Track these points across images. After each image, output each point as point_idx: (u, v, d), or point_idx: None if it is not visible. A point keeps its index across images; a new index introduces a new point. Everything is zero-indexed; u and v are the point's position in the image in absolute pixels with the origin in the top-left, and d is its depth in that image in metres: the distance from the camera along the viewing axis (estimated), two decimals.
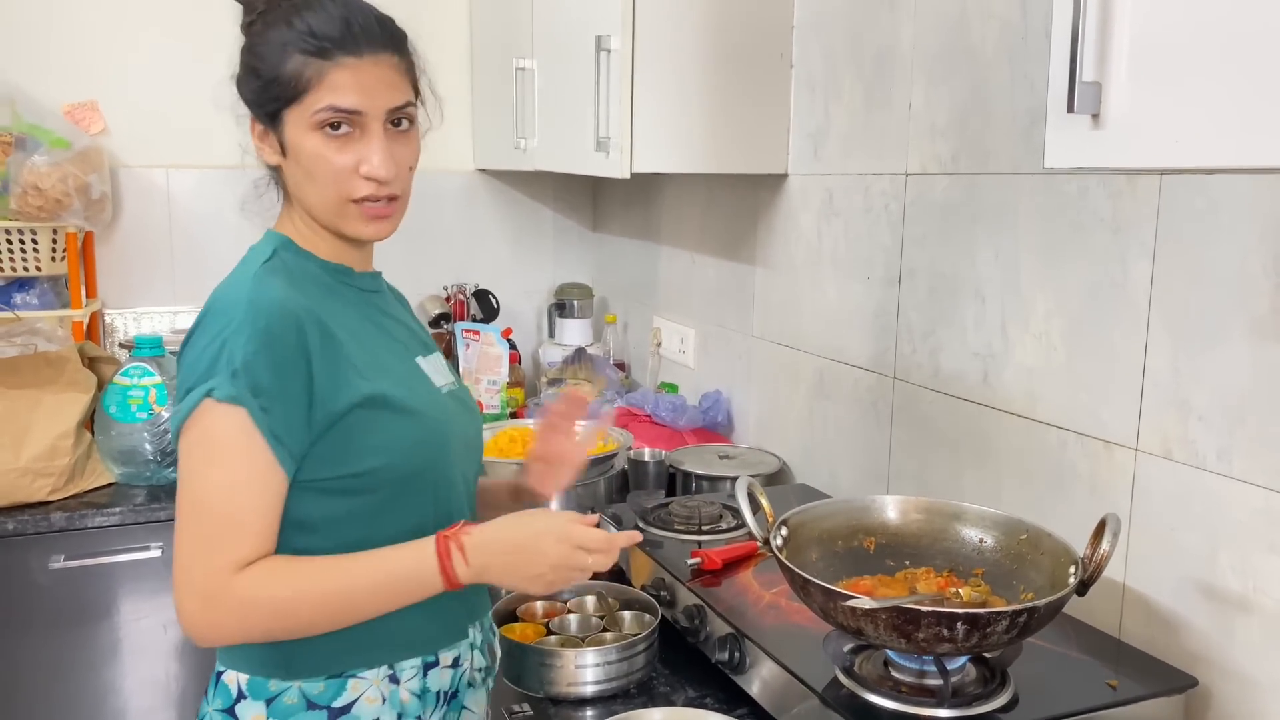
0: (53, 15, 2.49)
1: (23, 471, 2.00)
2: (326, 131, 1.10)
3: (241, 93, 1.16)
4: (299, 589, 1.06)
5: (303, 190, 1.15)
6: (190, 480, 1.06)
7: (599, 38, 1.86)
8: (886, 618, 1.06)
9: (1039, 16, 1.42)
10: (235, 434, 1.04)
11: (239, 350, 1.03)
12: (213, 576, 1.03)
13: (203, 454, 1.05)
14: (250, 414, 1.03)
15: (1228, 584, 1.22)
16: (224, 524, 1.04)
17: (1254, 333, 1.18)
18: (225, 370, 1.03)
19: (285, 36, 1.10)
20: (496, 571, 1.11)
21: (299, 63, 1.09)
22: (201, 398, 1.04)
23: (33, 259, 2.33)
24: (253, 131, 1.17)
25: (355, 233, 1.16)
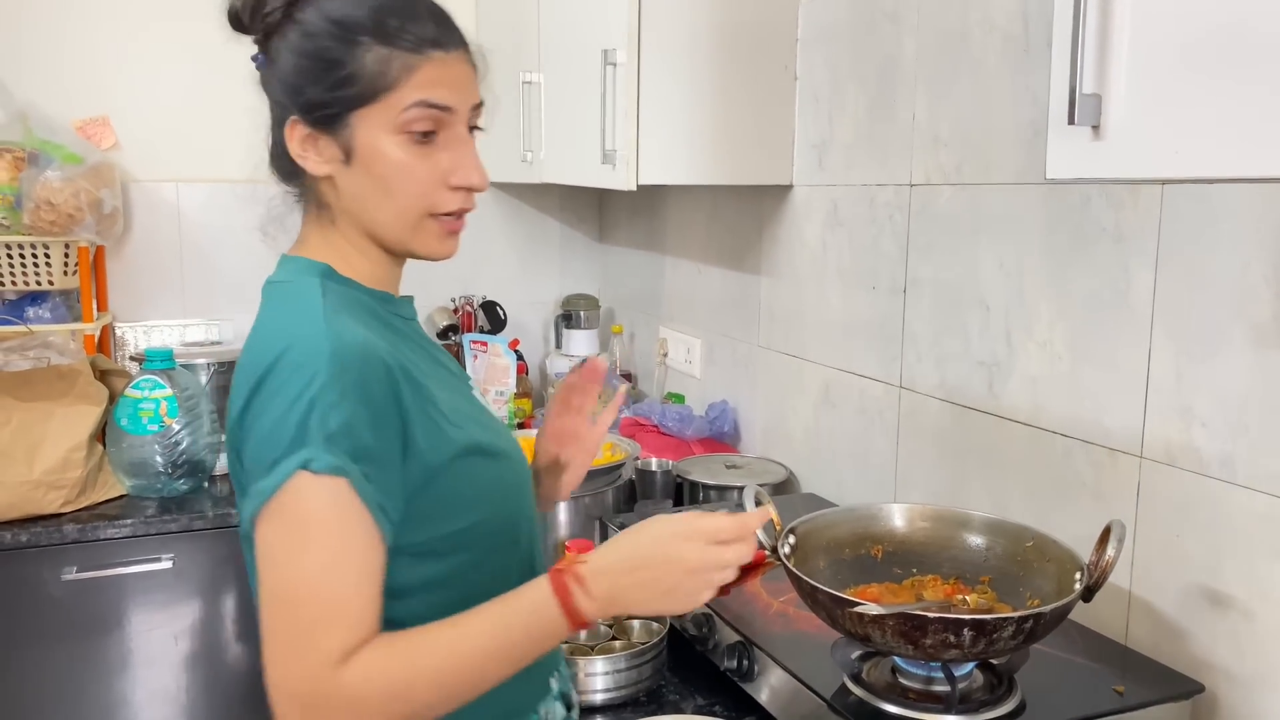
0: (64, 32, 2.52)
1: (35, 484, 2.02)
2: (413, 136, 0.97)
3: (279, 92, 1.00)
4: (415, 669, 0.89)
5: (369, 204, 1.00)
6: (278, 568, 0.89)
7: (605, 51, 1.88)
8: (894, 624, 1.07)
9: (1040, 29, 1.44)
10: (333, 508, 0.88)
11: (332, 410, 0.88)
12: (314, 677, 0.87)
13: (296, 537, 0.89)
14: (353, 484, 0.88)
15: (1233, 590, 1.23)
16: (322, 613, 0.87)
17: (1256, 340, 1.19)
18: (319, 436, 0.87)
19: (355, 19, 0.95)
20: (626, 596, 0.94)
21: (380, 56, 0.95)
22: (294, 471, 0.87)
23: (45, 273, 2.35)
24: (290, 136, 1.00)
25: (427, 251, 1.03)
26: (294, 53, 0.98)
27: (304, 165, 1.01)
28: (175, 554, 2.08)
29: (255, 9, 1.00)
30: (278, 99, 1.02)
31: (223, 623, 2.15)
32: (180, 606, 2.11)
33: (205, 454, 2.21)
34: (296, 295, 0.99)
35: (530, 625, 0.92)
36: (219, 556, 2.12)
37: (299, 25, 0.98)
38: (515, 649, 0.92)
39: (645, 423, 2.34)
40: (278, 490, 0.88)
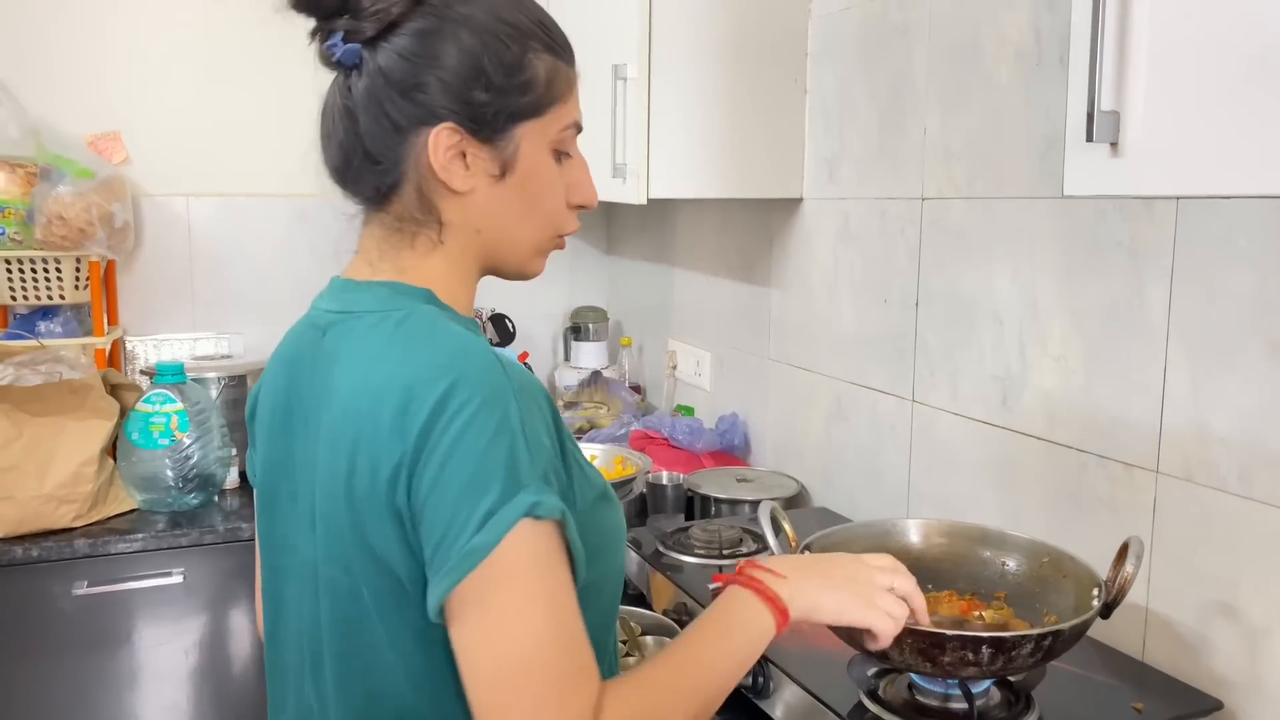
0: (77, 48, 2.53)
1: (47, 498, 2.02)
2: (556, 157, 0.93)
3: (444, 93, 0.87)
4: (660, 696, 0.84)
5: (508, 222, 0.93)
6: (508, 627, 0.77)
7: (616, 66, 1.88)
8: (910, 641, 1.07)
9: (1053, 43, 1.44)
10: (553, 554, 0.79)
11: (539, 447, 0.80)
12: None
13: (521, 589, 0.78)
14: (567, 530, 0.81)
15: (1251, 606, 1.22)
16: (566, 673, 0.78)
17: (1272, 355, 1.18)
18: (534, 476, 0.78)
19: (521, 24, 0.89)
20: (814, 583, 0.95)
21: (549, 67, 0.90)
22: (519, 518, 0.76)
23: (56, 288, 2.36)
24: (438, 146, 0.88)
25: (535, 272, 0.99)
26: (454, 48, 0.87)
27: (446, 179, 0.89)
28: (186, 568, 2.08)
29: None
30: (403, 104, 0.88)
31: (233, 637, 2.14)
32: (190, 621, 2.11)
33: (216, 468, 2.22)
34: (429, 325, 0.87)
35: (739, 624, 0.91)
36: (229, 571, 2.12)
37: (447, 18, 0.87)
38: (740, 652, 0.91)
39: (655, 435, 2.34)
40: (499, 544, 0.76)
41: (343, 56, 0.89)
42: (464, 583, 0.77)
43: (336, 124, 0.92)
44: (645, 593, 1.68)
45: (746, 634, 0.91)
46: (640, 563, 1.70)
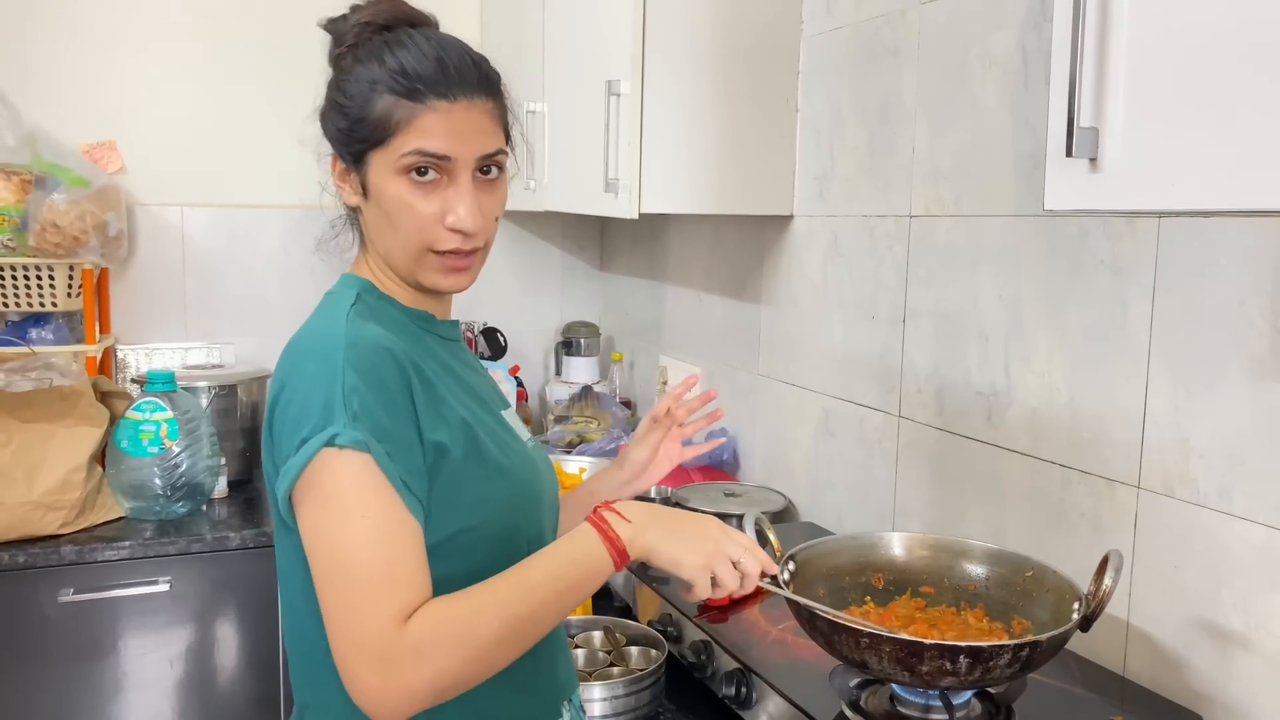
0: (74, 57, 2.55)
1: (35, 505, 2.02)
2: (412, 177, 1.04)
3: (325, 129, 1.10)
4: (476, 606, 0.95)
5: (382, 236, 1.09)
6: (325, 540, 0.95)
7: (609, 82, 1.90)
8: (889, 650, 1.08)
9: (1038, 63, 1.46)
10: (365, 481, 0.95)
11: (353, 393, 0.96)
12: (381, 633, 0.91)
13: (336, 508, 0.95)
14: (376, 459, 0.95)
15: (1230, 621, 1.23)
16: (376, 576, 0.93)
17: (1252, 372, 1.20)
18: (343, 414, 0.94)
19: (375, 74, 1.04)
20: (659, 532, 1.01)
21: (388, 103, 1.03)
22: (320, 446, 0.94)
23: (49, 295, 2.36)
24: (333, 169, 1.11)
25: (432, 284, 1.10)
26: (329, 98, 1.10)
27: (340, 196, 1.13)
28: (172, 577, 2.08)
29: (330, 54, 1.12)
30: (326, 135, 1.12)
31: (219, 646, 2.14)
32: (177, 630, 2.10)
33: (204, 477, 2.22)
34: (333, 302, 1.09)
35: (575, 554, 1.00)
36: (216, 580, 2.12)
37: (340, 70, 1.09)
38: (565, 579, 0.98)
39: None
40: (308, 465, 0.95)
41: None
42: (294, 494, 0.97)
43: None
44: (631, 604, 1.69)
45: (577, 566, 1.00)
46: (626, 574, 1.70)
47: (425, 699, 0.93)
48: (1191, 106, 0.86)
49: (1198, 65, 0.85)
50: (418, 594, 0.94)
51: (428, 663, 0.92)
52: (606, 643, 1.55)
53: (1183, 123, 0.87)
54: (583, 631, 1.58)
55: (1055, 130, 0.95)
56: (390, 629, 0.91)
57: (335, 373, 0.97)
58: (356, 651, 0.92)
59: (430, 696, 0.93)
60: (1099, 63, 0.92)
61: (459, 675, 0.94)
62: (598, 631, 1.57)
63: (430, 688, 0.92)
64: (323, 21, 1.11)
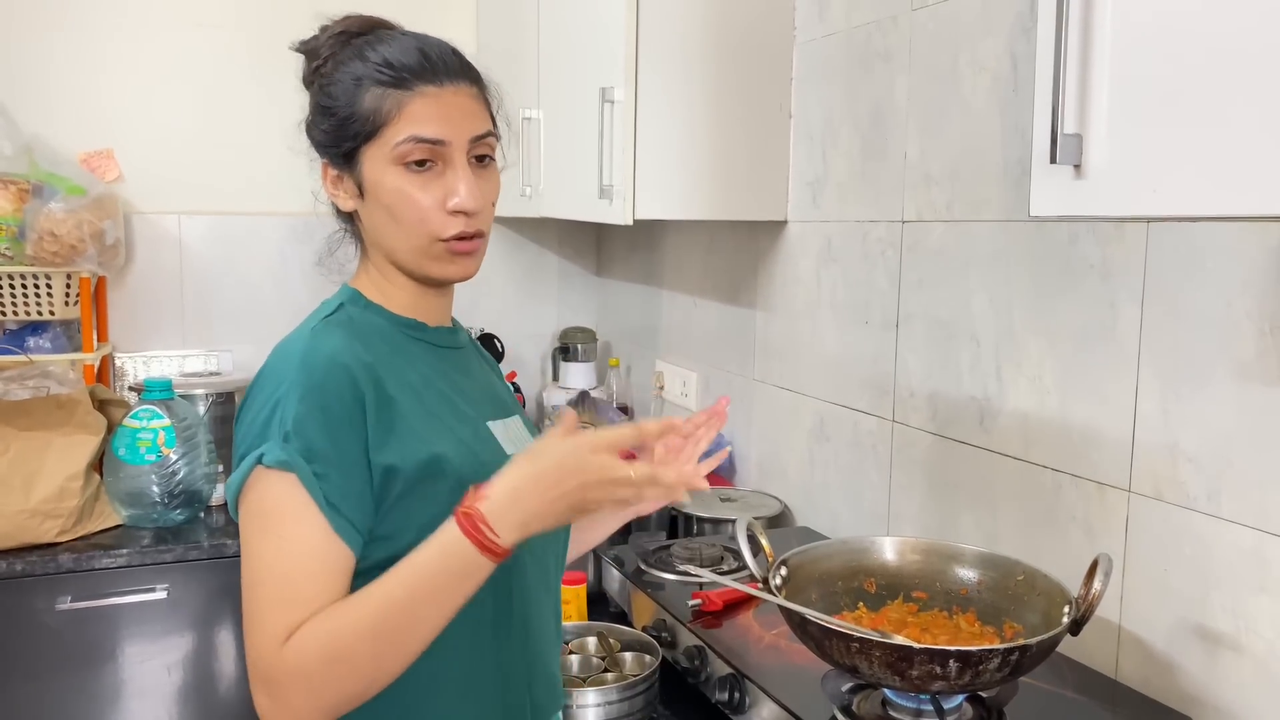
0: (71, 66, 2.56)
1: (32, 513, 2.02)
2: (409, 168, 1.04)
3: (312, 136, 1.10)
4: (345, 625, 0.93)
5: (384, 233, 1.08)
6: (245, 557, 0.98)
7: (603, 89, 1.91)
8: (879, 655, 1.08)
9: (1028, 70, 1.47)
10: (285, 500, 0.96)
11: (290, 411, 0.96)
12: (265, 655, 0.93)
13: (256, 525, 0.97)
14: (301, 479, 0.95)
15: (1219, 624, 1.24)
16: (271, 595, 0.95)
17: (1240, 376, 1.20)
18: (277, 434, 0.96)
19: (359, 70, 1.05)
20: (533, 514, 0.94)
21: (376, 95, 1.04)
22: (253, 464, 0.97)
23: (46, 303, 2.37)
24: (325, 178, 1.11)
25: (442, 274, 1.09)
26: (314, 104, 1.10)
27: (337, 203, 1.12)
28: (170, 584, 2.09)
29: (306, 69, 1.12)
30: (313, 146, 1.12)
31: (217, 654, 2.14)
32: (175, 637, 2.11)
33: (202, 484, 2.22)
34: (313, 314, 1.10)
35: (451, 565, 0.94)
36: (214, 587, 2.12)
37: (321, 78, 1.10)
38: (441, 590, 0.94)
39: None
40: (243, 483, 0.98)
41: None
42: (237, 505, 1.00)
43: None
44: (626, 609, 1.69)
45: (453, 575, 0.94)
46: (621, 580, 1.71)
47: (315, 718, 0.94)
48: (1175, 113, 0.86)
49: (1181, 71, 0.86)
50: (307, 611, 0.94)
51: (304, 682, 0.93)
52: (600, 648, 1.55)
53: (1166, 129, 0.87)
54: (577, 637, 1.58)
55: (1040, 137, 0.95)
56: (273, 650, 0.93)
57: (280, 389, 0.98)
58: (250, 672, 0.95)
59: (318, 715, 0.94)
60: (1082, 69, 0.93)
61: (340, 692, 0.94)
62: (592, 637, 1.58)
63: (313, 706, 0.93)
64: (295, 45, 1.12)
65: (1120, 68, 0.91)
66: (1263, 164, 0.80)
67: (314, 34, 1.12)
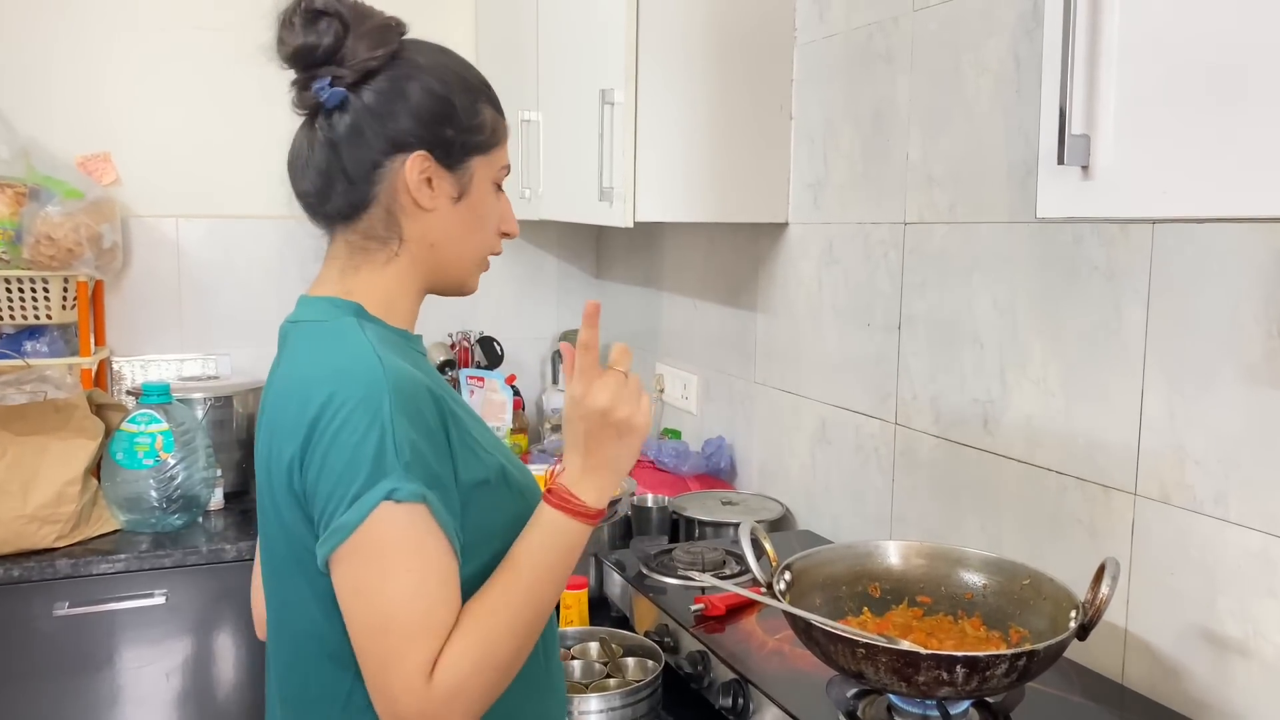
0: (68, 70, 2.55)
1: (29, 518, 2.01)
2: (496, 188, 1.11)
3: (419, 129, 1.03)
4: (484, 632, 0.94)
5: (457, 239, 1.08)
6: (366, 600, 0.92)
7: (603, 91, 1.90)
8: (886, 661, 1.07)
9: (1031, 70, 1.46)
10: (416, 534, 0.92)
11: (404, 439, 0.92)
12: (413, 690, 0.90)
13: (379, 565, 0.92)
14: (432, 510, 0.93)
15: (1227, 628, 1.23)
16: (411, 631, 0.91)
17: (1247, 378, 1.20)
18: (397, 465, 0.91)
19: (469, 80, 1.08)
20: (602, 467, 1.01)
21: (490, 115, 1.09)
22: (379, 501, 0.90)
23: (44, 307, 2.36)
24: (411, 168, 1.03)
25: (474, 286, 1.14)
26: (424, 93, 1.04)
27: (417, 197, 1.04)
28: (168, 590, 2.07)
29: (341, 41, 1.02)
30: (383, 135, 1.02)
31: (215, 660, 2.13)
32: (172, 643, 2.10)
33: (200, 489, 2.21)
34: (339, 334, 1.01)
35: (557, 543, 0.99)
36: (212, 592, 2.11)
37: (419, 69, 1.04)
38: (554, 568, 0.99)
39: (641, 459, 2.34)
40: (363, 522, 0.91)
41: (329, 99, 1.03)
42: (339, 550, 0.92)
43: (315, 153, 1.06)
44: (628, 614, 1.68)
45: (556, 549, 0.99)
46: (623, 584, 1.70)
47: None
48: (1184, 113, 0.86)
49: (1189, 72, 0.85)
50: (442, 638, 0.93)
51: (459, 701, 0.92)
52: (603, 654, 1.54)
53: (1174, 129, 0.86)
54: (579, 643, 1.57)
55: (1047, 137, 0.94)
56: (422, 684, 0.90)
57: (383, 417, 0.92)
58: (394, 711, 0.92)
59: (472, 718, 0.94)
60: (1090, 70, 0.92)
61: (489, 695, 0.95)
62: (594, 643, 1.57)
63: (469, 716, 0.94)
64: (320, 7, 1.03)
65: (1128, 67, 0.90)
66: (1272, 165, 0.79)
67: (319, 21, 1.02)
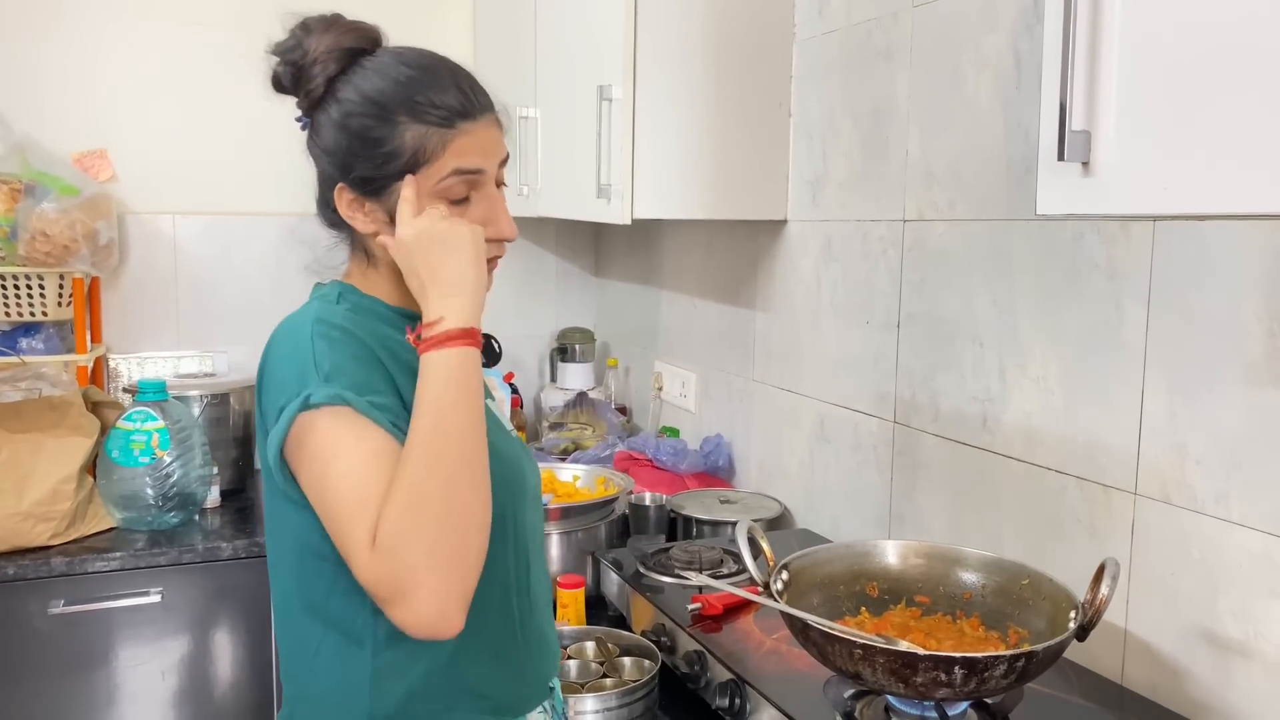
0: (64, 66, 2.53)
1: (24, 516, 2.00)
2: (449, 202, 1.06)
3: (336, 163, 1.08)
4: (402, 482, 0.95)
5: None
6: (317, 494, 0.99)
7: (601, 87, 1.89)
8: (883, 661, 1.06)
9: (1031, 67, 1.45)
10: (343, 429, 0.97)
11: (324, 356, 1.00)
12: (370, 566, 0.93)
13: (319, 464, 0.98)
14: (358, 409, 0.98)
15: (1228, 629, 1.22)
16: (353, 510, 0.95)
17: (1248, 377, 1.19)
18: (316, 377, 0.99)
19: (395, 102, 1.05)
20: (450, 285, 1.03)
21: (419, 134, 1.05)
22: (298, 410, 0.98)
23: (39, 304, 2.35)
24: (339, 199, 1.09)
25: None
26: (336, 128, 1.07)
27: (352, 224, 1.10)
28: (164, 588, 2.06)
29: (297, 80, 1.10)
30: (324, 165, 1.11)
31: (211, 658, 2.12)
32: (168, 641, 2.09)
33: (197, 486, 2.20)
34: (309, 303, 1.12)
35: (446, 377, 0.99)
36: (209, 591, 2.10)
37: (340, 103, 1.07)
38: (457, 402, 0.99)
39: (639, 457, 2.33)
40: (288, 432, 0.99)
41: (301, 125, 1.13)
42: (289, 462, 1.01)
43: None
44: (625, 614, 1.67)
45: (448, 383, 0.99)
46: (620, 583, 1.69)
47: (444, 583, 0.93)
48: (1185, 109, 0.85)
49: (1191, 67, 0.84)
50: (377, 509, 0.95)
51: (404, 550, 0.92)
52: (599, 653, 1.54)
53: (1176, 125, 0.86)
54: (575, 642, 1.56)
55: (1047, 134, 0.93)
56: (368, 553, 0.94)
57: (305, 344, 1.01)
58: (373, 594, 0.94)
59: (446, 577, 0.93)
60: (1090, 65, 0.91)
61: (446, 538, 0.94)
62: (590, 642, 1.56)
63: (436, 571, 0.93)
64: (273, 47, 1.11)
65: (1130, 62, 0.89)
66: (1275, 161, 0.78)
67: (293, 36, 1.10)
